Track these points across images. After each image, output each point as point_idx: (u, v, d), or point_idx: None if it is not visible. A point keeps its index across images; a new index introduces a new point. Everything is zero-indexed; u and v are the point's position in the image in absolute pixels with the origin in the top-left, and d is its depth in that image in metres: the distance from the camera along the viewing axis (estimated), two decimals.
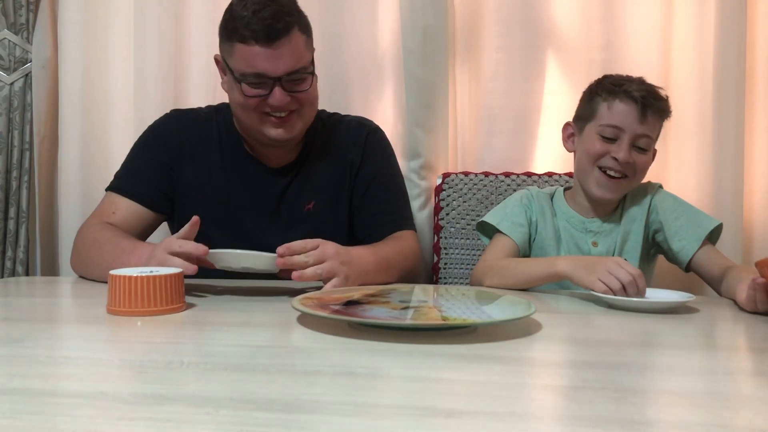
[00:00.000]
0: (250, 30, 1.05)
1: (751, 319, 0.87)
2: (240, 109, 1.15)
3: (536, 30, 1.53)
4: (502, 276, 1.11)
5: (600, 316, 0.87)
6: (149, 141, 1.26)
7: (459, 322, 0.70)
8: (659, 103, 1.13)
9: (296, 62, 1.10)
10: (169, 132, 1.25)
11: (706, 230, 1.15)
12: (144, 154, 1.25)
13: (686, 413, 0.47)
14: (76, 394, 0.50)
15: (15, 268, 1.62)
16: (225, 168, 1.23)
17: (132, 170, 1.24)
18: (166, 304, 0.82)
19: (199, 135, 1.24)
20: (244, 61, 1.08)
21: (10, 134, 1.62)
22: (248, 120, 1.15)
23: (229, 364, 0.58)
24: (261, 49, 1.06)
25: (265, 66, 1.07)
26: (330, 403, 0.48)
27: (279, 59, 1.07)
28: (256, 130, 1.16)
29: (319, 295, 0.84)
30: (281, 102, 1.10)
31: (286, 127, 1.14)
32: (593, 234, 1.20)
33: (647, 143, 1.13)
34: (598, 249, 1.19)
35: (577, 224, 1.21)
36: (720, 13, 1.42)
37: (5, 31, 1.60)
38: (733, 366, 0.63)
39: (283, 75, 1.09)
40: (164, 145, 1.23)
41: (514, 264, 1.13)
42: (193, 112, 1.29)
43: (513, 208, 1.24)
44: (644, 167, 1.16)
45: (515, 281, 1.09)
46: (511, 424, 0.44)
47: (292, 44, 1.09)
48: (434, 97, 1.52)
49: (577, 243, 1.21)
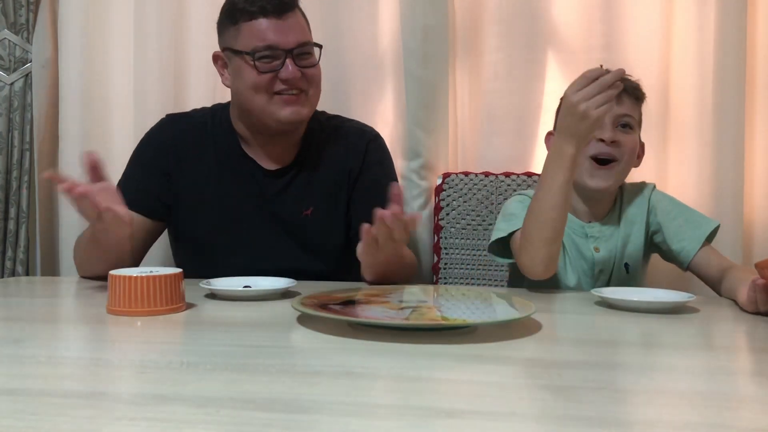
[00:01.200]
0: (257, 6, 1.09)
1: (751, 319, 0.87)
2: (251, 91, 1.14)
3: (536, 30, 1.53)
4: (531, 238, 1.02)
5: (600, 316, 0.87)
6: (144, 148, 1.26)
7: (459, 322, 0.70)
8: (628, 82, 1.14)
9: (304, 35, 1.14)
10: (163, 138, 1.25)
11: (705, 232, 1.15)
12: (139, 162, 1.25)
13: (686, 413, 0.47)
14: (76, 394, 0.50)
15: (15, 268, 1.62)
16: (221, 170, 1.23)
17: (128, 178, 1.24)
18: (166, 304, 0.82)
19: (194, 139, 1.24)
20: (254, 36, 1.11)
21: (10, 134, 1.62)
22: (258, 103, 1.15)
23: (229, 364, 0.58)
24: (271, 21, 1.10)
25: (276, 38, 1.10)
26: (330, 403, 0.48)
27: (289, 31, 1.11)
28: (266, 113, 1.15)
29: (319, 295, 0.84)
30: (294, 75, 1.11)
31: (295, 106, 1.15)
32: (594, 239, 1.18)
33: (629, 121, 1.14)
34: (601, 254, 1.17)
35: (578, 229, 1.19)
36: (720, 13, 1.41)
37: (5, 31, 1.60)
38: (733, 366, 0.63)
39: (294, 47, 1.12)
40: (159, 151, 1.23)
41: (529, 214, 1.04)
42: (187, 116, 1.29)
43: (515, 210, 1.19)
44: (632, 149, 1.15)
45: (546, 219, 1.01)
46: (511, 424, 0.44)
47: (298, 18, 1.14)
48: (434, 97, 1.52)
49: (579, 249, 1.18)
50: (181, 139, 1.24)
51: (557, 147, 1.00)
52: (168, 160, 1.22)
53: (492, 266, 1.49)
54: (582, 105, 0.94)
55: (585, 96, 0.94)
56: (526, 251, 1.04)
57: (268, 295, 0.95)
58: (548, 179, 1.01)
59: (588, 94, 0.94)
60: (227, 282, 1.01)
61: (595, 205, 1.20)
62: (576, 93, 0.95)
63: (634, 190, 1.22)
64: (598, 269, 1.17)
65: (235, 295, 0.96)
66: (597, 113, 0.94)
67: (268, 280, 1.02)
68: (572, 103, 0.95)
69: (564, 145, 0.99)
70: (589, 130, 0.97)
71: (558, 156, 1.00)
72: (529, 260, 1.04)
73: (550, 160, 1.02)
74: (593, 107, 0.94)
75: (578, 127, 0.96)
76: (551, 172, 1.01)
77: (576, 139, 0.97)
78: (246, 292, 0.95)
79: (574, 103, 0.95)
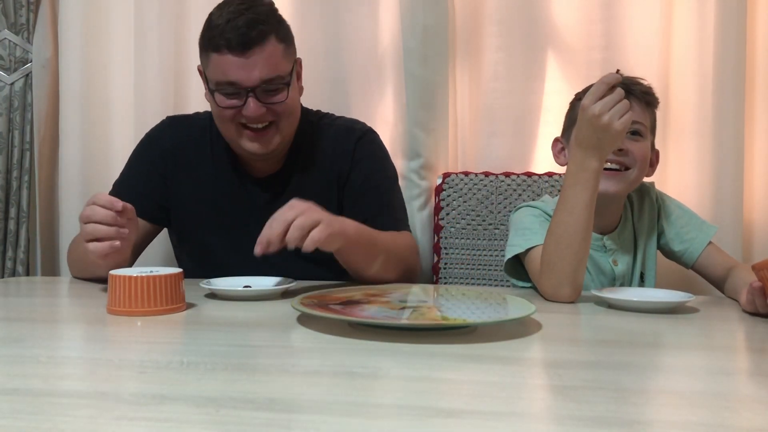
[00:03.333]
0: (224, 39, 1.04)
1: (751, 319, 0.87)
2: (218, 120, 1.13)
3: (536, 30, 1.53)
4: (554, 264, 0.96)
5: (600, 316, 0.87)
6: (144, 150, 1.25)
7: (459, 322, 0.70)
8: (638, 87, 1.10)
9: (270, 71, 1.06)
10: (162, 140, 1.23)
11: (709, 233, 1.14)
12: (138, 164, 1.24)
13: (686, 413, 0.47)
14: (76, 394, 0.50)
15: (15, 268, 1.62)
16: (216, 177, 1.21)
17: (127, 180, 1.23)
18: (166, 304, 0.82)
19: (193, 142, 1.22)
20: (218, 70, 1.06)
21: (10, 134, 1.62)
22: (226, 132, 1.13)
23: (229, 364, 0.58)
24: (234, 58, 1.04)
25: (237, 75, 1.05)
26: (330, 403, 0.48)
27: (253, 68, 1.05)
28: (234, 142, 1.14)
29: (319, 295, 0.84)
30: (255, 113, 1.07)
31: (262, 141, 1.11)
32: (612, 252, 1.14)
33: (638, 128, 1.09)
34: (619, 267, 1.14)
35: (594, 243, 1.11)
36: (720, 13, 1.41)
37: (5, 31, 1.60)
38: (733, 366, 0.63)
39: (258, 85, 1.06)
40: (158, 153, 1.22)
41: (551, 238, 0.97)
42: (188, 118, 1.28)
43: (529, 224, 1.12)
44: (643, 157, 1.09)
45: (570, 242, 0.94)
46: (511, 424, 0.44)
47: (266, 53, 1.06)
48: (434, 97, 1.52)
49: (597, 263, 1.14)
50: (180, 144, 1.22)
51: (578, 162, 0.94)
52: (167, 165, 1.22)
53: (492, 266, 1.49)
54: (605, 116, 0.89)
55: (606, 106, 0.89)
56: (548, 277, 0.97)
57: (268, 295, 0.95)
58: (571, 198, 0.95)
59: (609, 104, 0.89)
60: (227, 282, 1.01)
61: (604, 212, 1.10)
62: (596, 103, 0.90)
63: (640, 194, 1.19)
64: (619, 283, 1.14)
65: (235, 295, 0.96)
66: (621, 124, 0.89)
67: (268, 280, 1.02)
68: (594, 114, 0.90)
69: (586, 159, 0.93)
70: (613, 142, 0.92)
71: (580, 171, 0.94)
72: (551, 287, 0.97)
73: (572, 176, 0.95)
74: (616, 117, 0.89)
75: (601, 139, 0.91)
76: (574, 189, 0.95)
77: (599, 151, 0.92)
78: (246, 292, 0.95)
79: (596, 114, 0.89)
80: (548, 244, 0.98)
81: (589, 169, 0.93)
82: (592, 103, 0.90)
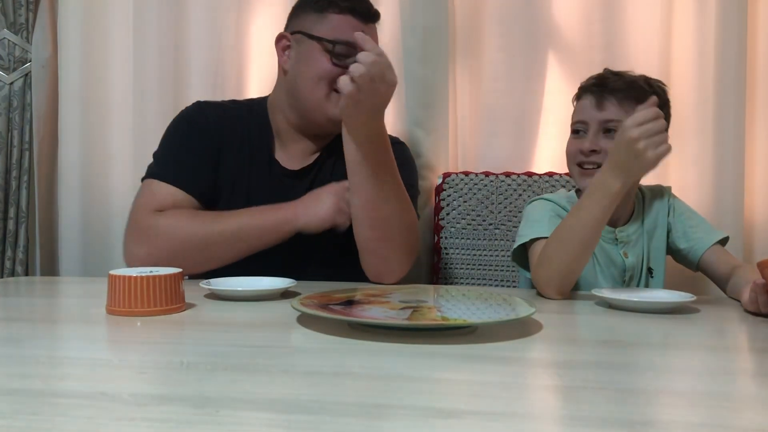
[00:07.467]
0: (349, 2, 1.14)
1: (751, 319, 0.87)
2: (313, 80, 1.14)
3: (536, 30, 1.53)
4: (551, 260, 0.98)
5: (600, 316, 0.87)
6: (188, 130, 1.20)
7: (459, 322, 0.70)
8: (615, 83, 1.10)
9: None
10: (206, 120, 1.20)
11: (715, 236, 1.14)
12: (186, 143, 1.19)
13: (686, 413, 0.47)
14: (76, 394, 0.50)
15: (15, 268, 1.62)
16: (251, 165, 1.20)
17: (175, 159, 1.17)
18: (166, 304, 0.82)
19: (233, 127, 1.21)
20: (339, 29, 1.13)
21: (9, 134, 1.62)
22: (315, 95, 1.14)
23: (229, 364, 0.58)
24: (356, 22, 1.14)
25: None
26: (330, 403, 0.48)
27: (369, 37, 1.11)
28: (319, 107, 1.15)
29: (319, 295, 0.84)
30: None
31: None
32: (623, 244, 1.15)
33: (612, 126, 1.09)
34: (630, 260, 1.14)
35: (606, 235, 1.13)
36: (720, 13, 1.42)
37: (5, 31, 1.60)
38: (734, 366, 0.63)
39: None
40: (205, 132, 1.19)
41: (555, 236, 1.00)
42: (221, 105, 1.26)
43: (540, 216, 1.13)
44: None
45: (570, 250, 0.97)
46: (511, 424, 0.44)
47: (374, 34, 1.19)
48: (434, 97, 1.52)
49: (609, 255, 1.14)
50: (218, 125, 1.20)
51: (602, 179, 0.95)
52: (214, 143, 1.19)
53: (492, 266, 1.49)
54: (641, 143, 0.89)
55: (645, 133, 0.89)
56: (543, 270, 1.00)
57: (268, 295, 0.95)
58: (584, 210, 0.97)
59: (648, 132, 0.89)
60: (227, 282, 1.01)
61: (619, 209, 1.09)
62: (637, 127, 0.89)
63: (653, 192, 1.21)
64: (629, 275, 1.14)
65: (235, 295, 0.95)
66: (654, 155, 0.89)
67: (268, 280, 1.02)
68: (632, 138, 0.89)
69: (610, 179, 0.94)
70: (641, 170, 0.93)
71: (600, 188, 0.95)
72: (543, 280, 1.00)
73: (593, 187, 0.96)
74: (652, 147, 0.89)
75: (631, 164, 0.91)
76: (588, 203, 0.96)
77: (625, 175, 0.93)
78: (246, 292, 0.95)
79: (634, 138, 0.89)
80: (551, 241, 1.01)
81: (609, 188, 0.94)
82: (633, 125, 0.90)
